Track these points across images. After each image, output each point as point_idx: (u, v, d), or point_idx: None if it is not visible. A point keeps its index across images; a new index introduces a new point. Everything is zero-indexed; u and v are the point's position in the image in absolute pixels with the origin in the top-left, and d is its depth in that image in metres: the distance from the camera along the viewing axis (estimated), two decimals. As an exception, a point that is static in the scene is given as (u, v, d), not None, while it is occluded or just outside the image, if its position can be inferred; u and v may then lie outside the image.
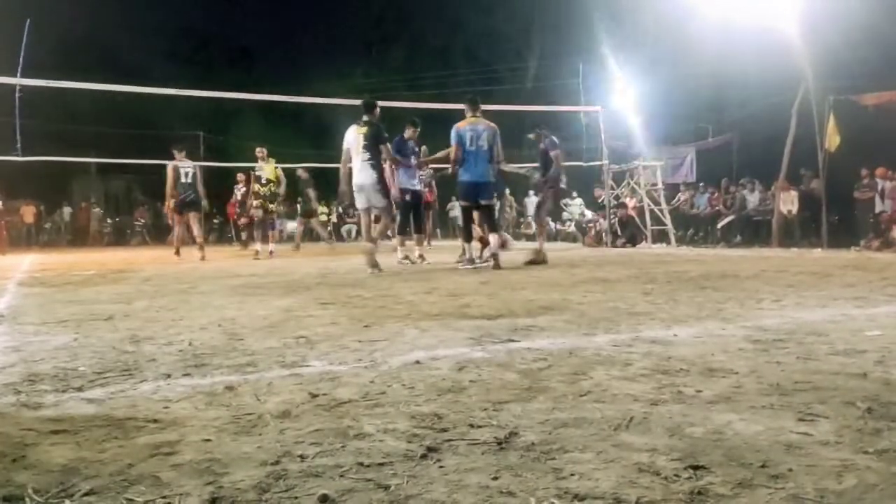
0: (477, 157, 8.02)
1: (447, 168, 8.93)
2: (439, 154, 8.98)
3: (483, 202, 8.21)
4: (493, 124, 8.20)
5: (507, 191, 22.13)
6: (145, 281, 7.18)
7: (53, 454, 1.68)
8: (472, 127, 8.05)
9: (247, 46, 34.55)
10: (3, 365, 2.81)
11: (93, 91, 13.54)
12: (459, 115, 8.47)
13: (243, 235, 18.05)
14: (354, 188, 8.07)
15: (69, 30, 23.53)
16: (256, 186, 11.83)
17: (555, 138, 9.34)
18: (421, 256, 9.58)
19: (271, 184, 11.79)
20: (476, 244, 8.92)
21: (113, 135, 23.05)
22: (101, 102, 22.05)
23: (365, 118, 8.02)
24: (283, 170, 12.96)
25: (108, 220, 26.57)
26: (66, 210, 26.27)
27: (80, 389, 2.37)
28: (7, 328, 3.87)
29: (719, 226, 16.46)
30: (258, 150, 11.84)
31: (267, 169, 11.87)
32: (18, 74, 11.08)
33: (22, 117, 11.24)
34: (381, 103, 8.34)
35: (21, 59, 11.24)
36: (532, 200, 23.21)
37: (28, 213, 23.67)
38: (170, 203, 11.78)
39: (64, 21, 22.71)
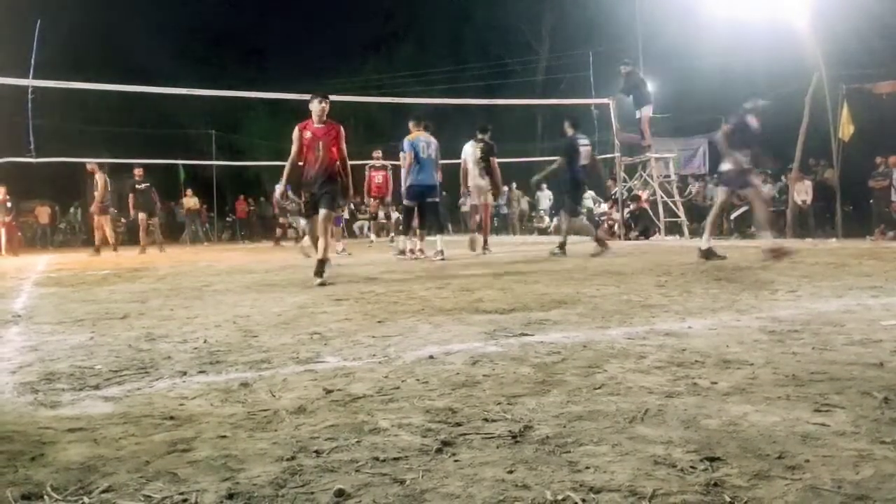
0: (428, 164, 9.25)
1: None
2: (553, 167, 9.85)
3: (429, 200, 9.44)
4: (433, 138, 9.51)
5: (514, 185, 22.11)
6: (160, 279, 7.22)
7: (71, 452, 1.69)
8: (424, 138, 9.29)
9: (258, 45, 34.59)
10: (20, 364, 2.84)
11: (105, 91, 13.63)
12: (469, 111, 8.96)
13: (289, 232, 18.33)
14: (472, 188, 10.37)
15: (80, 30, 23.59)
16: None
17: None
18: (421, 251, 9.67)
19: None
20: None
21: (125, 134, 23.14)
22: (113, 102, 22.15)
23: (479, 137, 10.29)
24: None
25: (122, 220, 26.62)
26: (81, 210, 26.43)
27: (96, 388, 2.39)
28: (24, 328, 3.90)
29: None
30: None
31: None
32: (30, 75, 11.14)
33: (35, 118, 11.31)
34: (389, 100, 8.96)
35: (32, 60, 11.30)
36: (546, 194, 23.17)
37: (43, 213, 23.78)
38: (97, 207, 14.02)
39: (75, 21, 22.80)
